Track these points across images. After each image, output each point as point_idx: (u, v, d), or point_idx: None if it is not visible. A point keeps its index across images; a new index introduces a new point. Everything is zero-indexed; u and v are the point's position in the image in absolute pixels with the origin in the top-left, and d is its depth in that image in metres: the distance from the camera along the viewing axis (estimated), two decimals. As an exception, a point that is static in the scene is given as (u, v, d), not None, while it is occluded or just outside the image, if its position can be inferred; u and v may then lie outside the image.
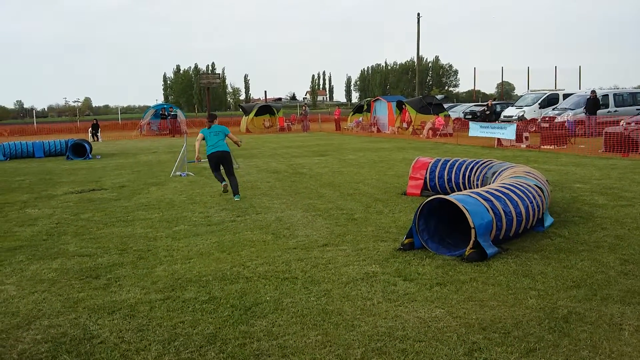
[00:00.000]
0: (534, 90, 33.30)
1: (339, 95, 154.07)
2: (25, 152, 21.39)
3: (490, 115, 29.32)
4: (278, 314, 4.36)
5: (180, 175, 13.51)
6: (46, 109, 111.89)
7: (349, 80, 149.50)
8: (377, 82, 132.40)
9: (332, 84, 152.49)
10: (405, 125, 30.55)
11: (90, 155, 19.89)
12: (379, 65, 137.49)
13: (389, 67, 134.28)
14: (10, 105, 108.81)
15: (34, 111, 78.47)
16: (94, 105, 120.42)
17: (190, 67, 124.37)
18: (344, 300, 4.61)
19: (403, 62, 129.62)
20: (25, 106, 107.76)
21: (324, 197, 9.86)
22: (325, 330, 4.03)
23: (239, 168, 14.75)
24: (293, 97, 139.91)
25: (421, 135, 26.97)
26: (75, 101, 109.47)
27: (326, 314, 4.32)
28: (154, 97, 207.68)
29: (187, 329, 4.11)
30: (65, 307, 4.64)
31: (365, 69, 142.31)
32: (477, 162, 9.17)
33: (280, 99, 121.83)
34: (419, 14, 49.96)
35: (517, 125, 19.52)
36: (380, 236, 6.80)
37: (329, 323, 4.15)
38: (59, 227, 7.93)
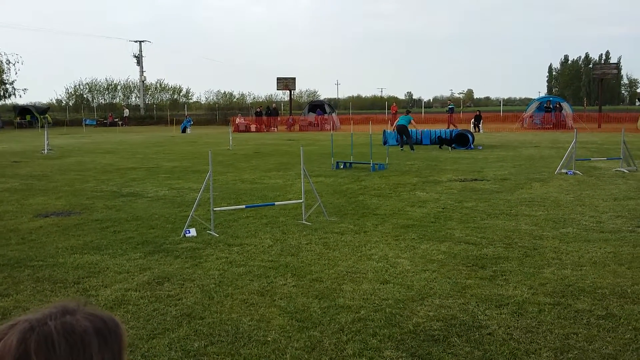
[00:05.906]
0: None
1: None
2: (414, 139, 23.61)
3: None
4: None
5: (567, 173, 12.62)
6: (431, 100, 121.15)
7: None
8: None
9: None
10: None
11: (472, 146, 20.57)
12: None
13: None
14: (400, 96, 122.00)
15: (422, 102, 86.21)
16: (475, 97, 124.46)
17: (579, 56, 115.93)
18: None
19: None
20: (413, 97, 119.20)
21: None
22: None
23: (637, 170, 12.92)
24: None
25: None
26: (459, 93, 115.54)
27: None
28: (536, 89, 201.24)
29: (582, 342, 3.74)
30: (454, 291, 4.82)
31: None
32: None
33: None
34: None
35: None
36: None
37: None
38: (445, 212, 8.38)
